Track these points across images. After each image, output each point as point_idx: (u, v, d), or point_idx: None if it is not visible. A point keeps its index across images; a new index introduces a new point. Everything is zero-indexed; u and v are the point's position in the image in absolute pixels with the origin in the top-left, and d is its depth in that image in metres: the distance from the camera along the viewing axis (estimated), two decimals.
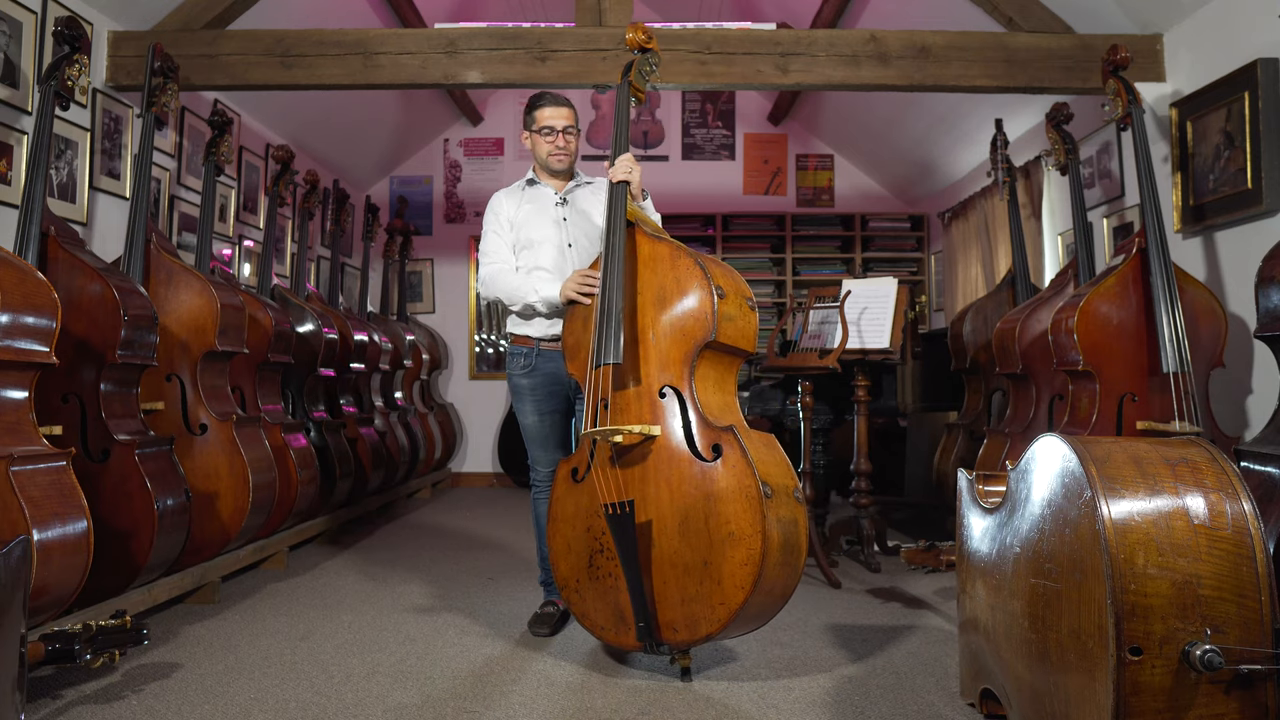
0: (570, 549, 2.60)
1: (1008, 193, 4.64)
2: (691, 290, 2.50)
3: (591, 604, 2.54)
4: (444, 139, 7.29)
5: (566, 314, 2.78)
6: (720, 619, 2.31)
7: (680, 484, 2.41)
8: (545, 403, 2.99)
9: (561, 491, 2.66)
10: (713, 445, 2.39)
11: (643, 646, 2.43)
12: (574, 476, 2.63)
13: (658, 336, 2.53)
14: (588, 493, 2.57)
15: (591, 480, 2.55)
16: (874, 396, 4.08)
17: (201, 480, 3.30)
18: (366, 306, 6.17)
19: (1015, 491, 1.91)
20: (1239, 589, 1.52)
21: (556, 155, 3.01)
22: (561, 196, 3.05)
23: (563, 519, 2.64)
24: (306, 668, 2.56)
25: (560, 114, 3.00)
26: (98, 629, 2.20)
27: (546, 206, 3.04)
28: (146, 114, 3.51)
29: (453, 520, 5.39)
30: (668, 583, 2.40)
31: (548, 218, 3.03)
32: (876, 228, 7.11)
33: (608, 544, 2.49)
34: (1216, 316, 3.17)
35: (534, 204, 3.05)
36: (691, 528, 2.37)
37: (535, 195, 3.07)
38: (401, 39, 4.02)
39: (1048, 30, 4.01)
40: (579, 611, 2.58)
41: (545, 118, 3.00)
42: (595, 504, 2.52)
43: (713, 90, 6.42)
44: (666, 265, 2.56)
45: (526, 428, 3.05)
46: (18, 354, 2.39)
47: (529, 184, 3.10)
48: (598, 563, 2.53)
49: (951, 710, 2.24)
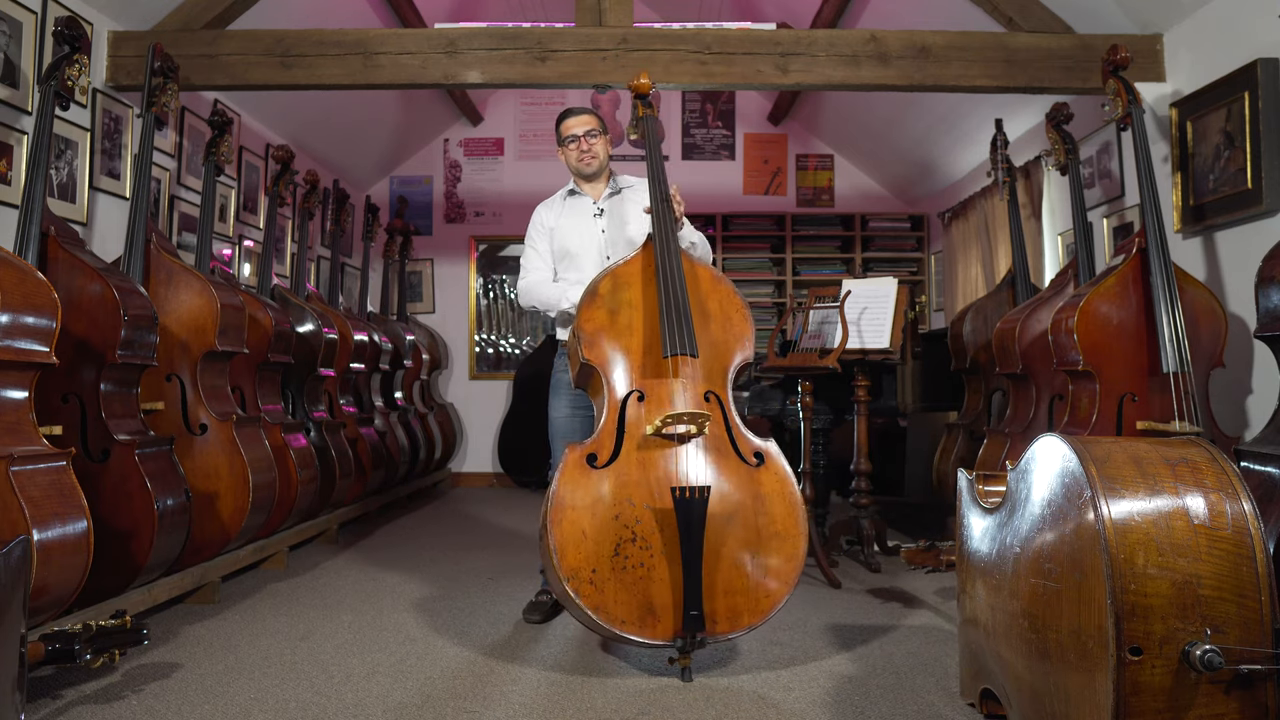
0: (586, 537, 2.48)
1: (1008, 193, 4.64)
2: (734, 313, 2.78)
3: (613, 596, 2.45)
4: (444, 139, 7.29)
5: (589, 301, 2.73)
6: (764, 610, 2.49)
7: (732, 481, 2.56)
8: (580, 400, 3.07)
9: (573, 476, 2.53)
10: (755, 453, 2.61)
11: (676, 639, 2.43)
12: (590, 462, 2.54)
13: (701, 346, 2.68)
14: (615, 479, 2.51)
15: (625, 466, 2.52)
16: (874, 396, 4.08)
17: (201, 480, 3.30)
18: (366, 306, 6.17)
19: (1015, 491, 1.91)
20: (1239, 589, 1.52)
21: (583, 159, 3.15)
22: (599, 206, 3.18)
23: (576, 506, 2.50)
24: (306, 668, 2.56)
25: (579, 121, 3.16)
26: (98, 629, 2.20)
27: (585, 217, 3.17)
28: (146, 114, 3.51)
29: (453, 520, 5.39)
30: (715, 574, 2.48)
31: (586, 228, 3.16)
32: (876, 228, 7.11)
33: (644, 532, 2.46)
34: (1216, 316, 3.17)
35: (573, 215, 3.19)
36: (741, 522, 2.52)
37: (574, 206, 3.21)
38: (401, 39, 4.02)
39: (1048, 30, 4.01)
40: (593, 604, 2.43)
41: (567, 128, 3.17)
42: (627, 490, 2.49)
43: (713, 90, 6.42)
44: (708, 285, 2.80)
45: (555, 421, 3.16)
46: (18, 354, 2.39)
47: (569, 194, 3.24)
48: (626, 551, 2.46)
49: (951, 710, 2.24)
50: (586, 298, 2.73)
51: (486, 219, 7.27)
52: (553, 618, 3.03)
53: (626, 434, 2.57)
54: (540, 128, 7.25)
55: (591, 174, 3.19)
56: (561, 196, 3.26)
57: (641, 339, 2.70)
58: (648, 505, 2.49)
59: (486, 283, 7.32)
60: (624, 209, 3.18)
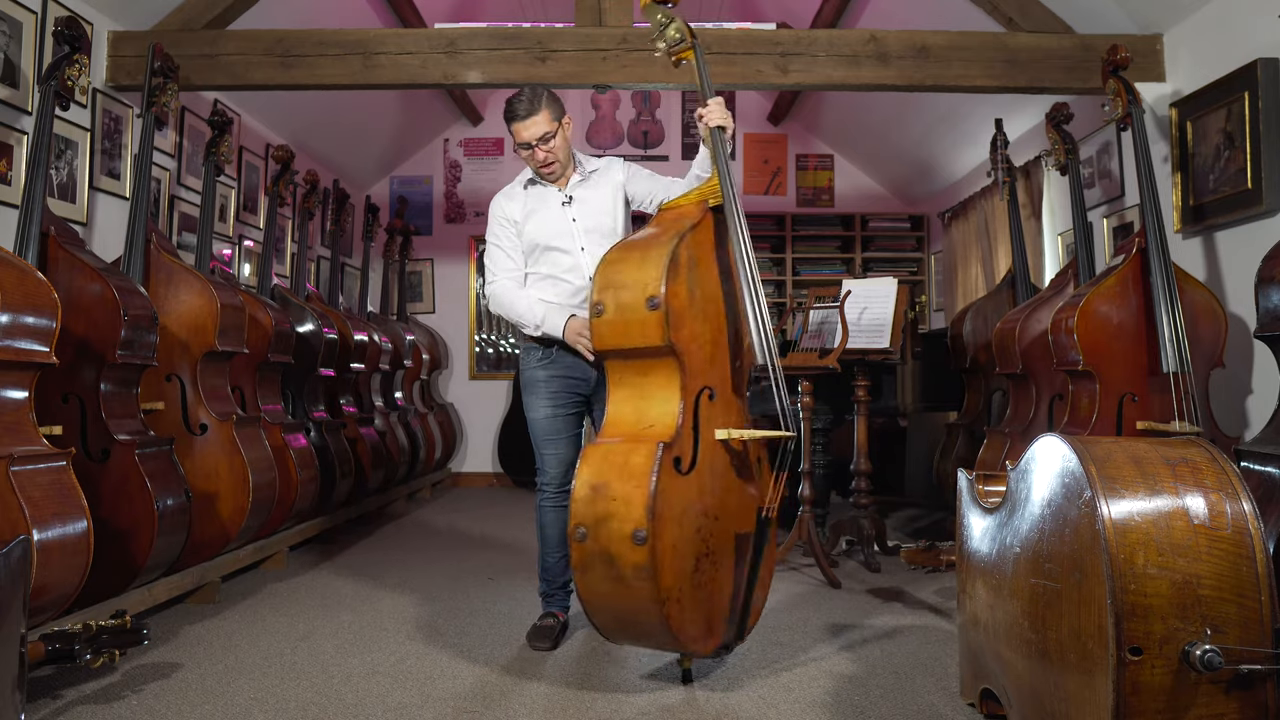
0: (678, 552, 2.19)
1: (1008, 193, 4.64)
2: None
3: (689, 615, 2.23)
4: (444, 139, 7.29)
5: (674, 273, 2.27)
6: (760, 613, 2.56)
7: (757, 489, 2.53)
8: (560, 396, 2.85)
9: (667, 482, 2.17)
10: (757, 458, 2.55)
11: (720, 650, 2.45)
12: (678, 467, 2.23)
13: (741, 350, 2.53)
14: (695, 488, 2.28)
15: (702, 473, 2.30)
16: (874, 396, 4.08)
17: (201, 480, 3.30)
18: (366, 306, 6.17)
19: (1015, 491, 1.91)
20: (1239, 589, 1.52)
21: (544, 170, 2.85)
22: (567, 194, 2.88)
23: (669, 516, 2.17)
24: (306, 668, 2.56)
25: (526, 127, 2.78)
26: (98, 629, 2.20)
27: (553, 208, 2.88)
28: (146, 114, 3.51)
29: (453, 520, 5.39)
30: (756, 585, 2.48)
31: (556, 221, 2.86)
32: (876, 228, 7.11)
33: (716, 546, 2.32)
34: (1216, 316, 3.17)
35: (540, 207, 2.88)
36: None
37: (540, 196, 2.91)
38: (401, 39, 4.02)
39: (1048, 30, 4.00)
40: (677, 626, 2.18)
41: (516, 134, 2.82)
42: (704, 502, 2.30)
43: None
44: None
45: (536, 424, 2.87)
46: (18, 354, 2.39)
47: (530, 183, 2.94)
48: (702, 567, 2.28)
49: (951, 710, 2.24)
50: (671, 266, 2.26)
51: (486, 219, 7.25)
52: (560, 643, 2.81)
53: (700, 437, 2.31)
54: None
55: (557, 178, 2.89)
56: (521, 185, 2.94)
57: (715, 328, 2.42)
58: (718, 517, 2.33)
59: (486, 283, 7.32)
60: (596, 193, 2.89)
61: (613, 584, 2.14)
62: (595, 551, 2.14)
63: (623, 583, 2.12)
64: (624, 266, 2.33)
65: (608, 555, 2.13)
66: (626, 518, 2.11)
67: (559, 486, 2.85)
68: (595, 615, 2.25)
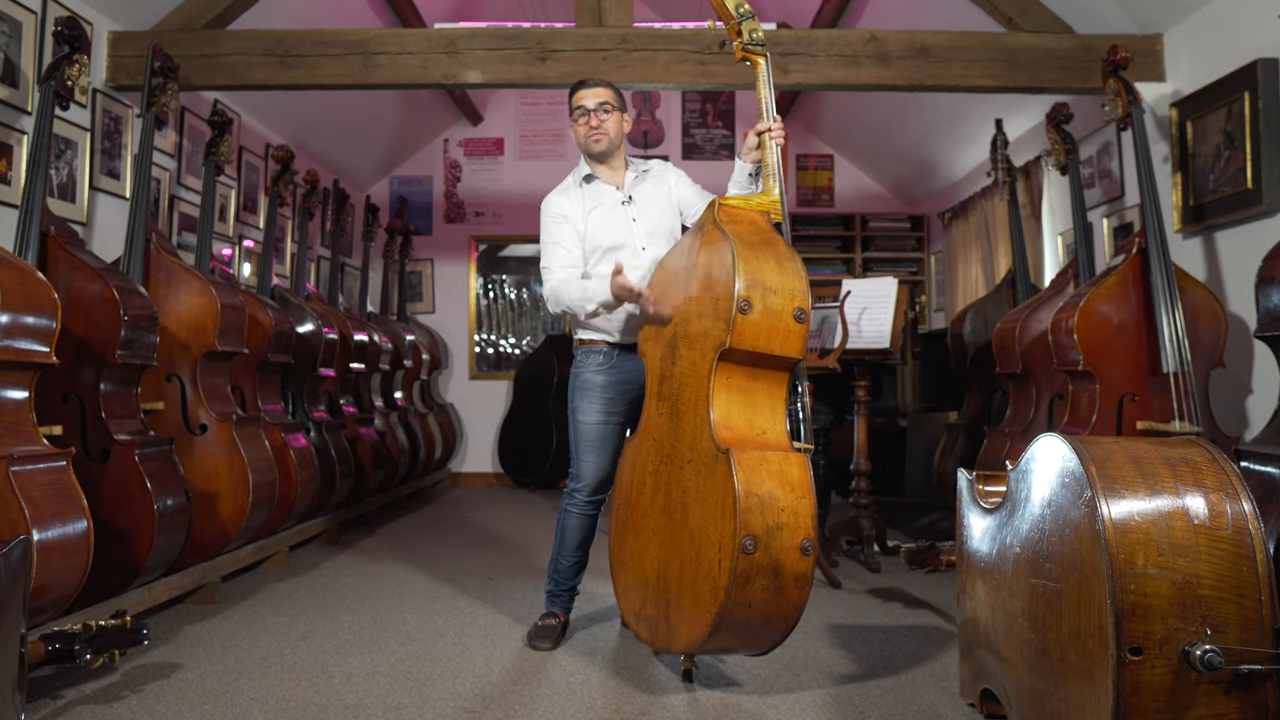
0: None
1: (1008, 193, 4.64)
2: None
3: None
4: (444, 139, 7.29)
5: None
6: None
7: None
8: (615, 404, 2.77)
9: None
10: None
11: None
12: None
13: None
14: None
15: None
16: (874, 396, 4.08)
17: (201, 480, 3.30)
18: (366, 306, 6.17)
19: (1015, 491, 1.91)
20: (1239, 589, 1.52)
21: (591, 135, 2.80)
22: (626, 194, 2.83)
23: None
24: (306, 668, 2.56)
25: (591, 93, 2.80)
26: (98, 629, 2.20)
27: (613, 208, 2.81)
28: (146, 114, 3.51)
29: (453, 520, 5.39)
30: None
31: (617, 222, 2.80)
32: (876, 228, 7.10)
33: None
34: (1216, 316, 3.17)
35: (600, 206, 2.82)
36: None
37: (597, 195, 2.83)
38: (401, 39, 4.02)
39: (1048, 30, 4.00)
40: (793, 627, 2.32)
41: (577, 99, 2.82)
42: None
43: (713, 90, 6.42)
44: None
45: (583, 428, 2.77)
46: (18, 354, 2.39)
47: (586, 180, 2.85)
48: None
49: (951, 710, 2.24)
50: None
51: (486, 219, 7.26)
52: (561, 643, 2.81)
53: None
54: (541, 128, 7.25)
55: (600, 153, 2.82)
56: (576, 183, 2.86)
57: None
58: None
59: (486, 283, 7.32)
60: (654, 192, 2.86)
61: (771, 594, 2.11)
62: (764, 564, 2.09)
63: (782, 593, 2.11)
64: (764, 266, 2.24)
65: (776, 566, 2.10)
66: (796, 528, 2.10)
67: (591, 494, 2.80)
68: (725, 629, 2.14)
